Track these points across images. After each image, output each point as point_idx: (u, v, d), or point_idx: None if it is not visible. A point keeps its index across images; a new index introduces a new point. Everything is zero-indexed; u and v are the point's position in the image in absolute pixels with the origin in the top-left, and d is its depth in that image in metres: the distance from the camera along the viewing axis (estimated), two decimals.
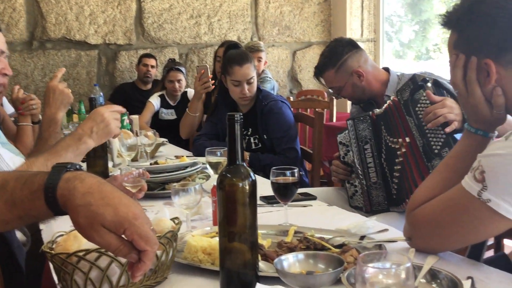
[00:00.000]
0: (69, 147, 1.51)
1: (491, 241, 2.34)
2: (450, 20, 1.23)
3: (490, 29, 1.15)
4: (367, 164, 1.92)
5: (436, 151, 1.70)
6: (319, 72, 2.22)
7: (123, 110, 1.72)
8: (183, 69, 4.30)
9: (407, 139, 1.77)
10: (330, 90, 2.28)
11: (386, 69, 2.23)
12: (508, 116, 1.24)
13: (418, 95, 1.76)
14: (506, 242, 2.53)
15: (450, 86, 1.73)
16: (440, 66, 4.95)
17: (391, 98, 1.88)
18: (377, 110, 1.92)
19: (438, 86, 1.76)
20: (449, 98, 1.68)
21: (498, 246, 2.44)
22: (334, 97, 2.35)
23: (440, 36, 5.49)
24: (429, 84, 1.74)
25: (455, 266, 1.15)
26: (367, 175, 1.92)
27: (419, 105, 1.75)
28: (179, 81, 4.24)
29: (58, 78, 1.95)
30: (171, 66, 4.26)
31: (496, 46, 1.15)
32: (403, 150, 1.79)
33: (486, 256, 1.45)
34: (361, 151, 1.93)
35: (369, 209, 1.93)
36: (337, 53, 2.15)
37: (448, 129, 1.64)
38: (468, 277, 1.03)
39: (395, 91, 1.95)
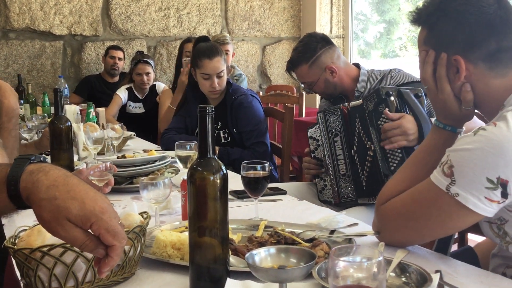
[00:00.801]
0: None
1: (455, 235, 2.39)
2: (420, 17, 1.24)
3: (459, 25, 1.16)
4: (336, 156, 1.94)
5: (392, 168, 1.76)
6: (292, 66, 2.21)
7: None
8: (151, 61, 4.24)
9: (372, 147, 1.83)
10: (302, 85, 2.28)
11: (356, 65, 2.25)
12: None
13: (381, 108, 1.79)
14: (470, 236, 2.58)
15: (414, 98, 1.78)
16: (406, 64, 5.03)
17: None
18: (352, 103, 1.93)
19: (401, 97, 1.80)
20: (407, 116, 1.74)
21: (462, 240, 2.49)
22: (305, 92, 2.35)
23: (406, 34, 5.57)
24: (392, 98, 1.78)
25: (423, 259, 1.16)
26: (336, 167, 1.94)
27: (381, 119, 1.79)
28: (147, 74, 4.17)
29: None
30: (139, 59, 4.20)
31: (465, 43, 1.16)
32: (371, 153, 1.84)
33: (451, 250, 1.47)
34: (331, 143, 1.95)
35: (337, 201, 1.95)
36: (311, 49, 2.15)
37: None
38: (437, 271, 1.04)
39: (363, 96, 1.98)
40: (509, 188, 1.03)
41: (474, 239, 2.52)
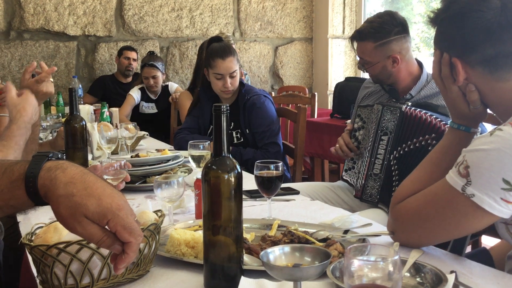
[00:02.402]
0: (24, 139, 1.64)
1: (470, 237, 2.37)
2: (433, 17, 1.25)
3: (457, 28, 1.17)
4: (376, 154, 1.87)
5: None
6: (358, 37, 2.06)
7: (53, 69, 1.89)
8: (158, 64, 4.20)
9: None
10: (358, 58, 2.15)
11: (420, 64, 2.11)
12: None
13: None
14: (484, 239, 2.56)
15: None
16: None
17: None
18: (428, 114, 1.78)
19: None
20: None
21: (476, 243, 2.47)
22: (358, 67, 2.22)
23: (419, 35, 5.54)
24: None
25: (438, 260, 1.15)
26: (371, 165, 1.88)
27: None
28: (153, 77, 4.17)
29: (30, 73, 1.95)
30: (145, 63, 4.20)
31: (462, 46, 1.17)
32: None
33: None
34: (377, 139, 1.86)
35: (359, 195, 1.92)
36: (386, 30, 1.99)
37: None
38: (452, 271, 1.04)
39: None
40: None
41: (487, 242, 2.49)
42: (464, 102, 1.22)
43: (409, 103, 1.89)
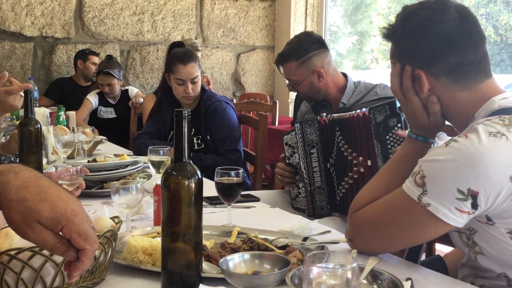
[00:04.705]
0: None
1: (424, 244, 2.42)
2: (388, 32, 1.28)
3: (420, 40, 1.20)
4: (312, 168, 1.91)
5: None
6: (281, 60, 2.19)
7: (28, 85, 1.91)
8: (115, 71, 4.10)
9: (369, 162, 1.73)
10: (286, 81, 2.25)
11: (344, 75, 2.23)
12: None
13: (391, 123, 1.67)
14: (438, 246, 2.63)
15: None
16: (377, 77, 5.12)
17: (362, 110, 1.77)
18: (335, 114, 1.89)
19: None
20: None
21: (430, 250, 2.53)
22: (289, 89, 2.32)
23: (378, 47, 5.67)
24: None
25: (394, 267, 1.17)
26: (311, 179, 1.91)
27: (390, 134, 1.67)
28: (109, 85, 4.10)
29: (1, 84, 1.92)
30: (101, 70, 4.12)
31: (426, 57, 1.20)
32: (361, 169, 1.76)
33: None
34: (307, 154, 1.91)
35: (311, 213, 1.93)
36: (305, 47, 2.13)
37: None
38: (408, 279, 1.06)
39: (367, 106, 1.92)
40: (479, 200, 1.05)
41: (441, 249, 2.56)
42: (424, 114, 1.24)
43: (324, 114, 1.95)
